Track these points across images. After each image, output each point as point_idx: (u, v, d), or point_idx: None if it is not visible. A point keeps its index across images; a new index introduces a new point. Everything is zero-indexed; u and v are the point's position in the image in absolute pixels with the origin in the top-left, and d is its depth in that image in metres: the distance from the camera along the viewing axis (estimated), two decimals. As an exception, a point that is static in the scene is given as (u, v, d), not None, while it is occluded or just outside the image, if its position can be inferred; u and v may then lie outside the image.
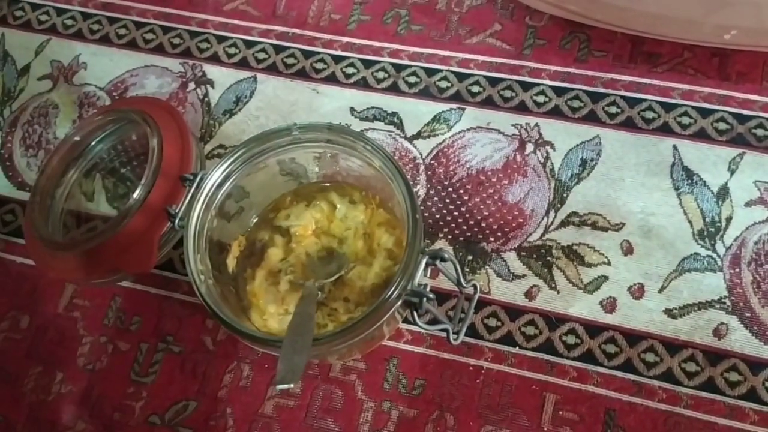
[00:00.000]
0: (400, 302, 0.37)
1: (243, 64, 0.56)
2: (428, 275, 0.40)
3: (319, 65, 0.55)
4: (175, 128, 0.47)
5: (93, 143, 0.51)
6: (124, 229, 0.43)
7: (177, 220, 0.41)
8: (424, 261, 0.37)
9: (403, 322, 0.47)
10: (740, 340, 0.44)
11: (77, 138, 0.51)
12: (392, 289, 0.37)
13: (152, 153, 0.45)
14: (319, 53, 0.56)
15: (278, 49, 0.56)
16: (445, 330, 0.40)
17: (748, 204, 0.47)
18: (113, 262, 0.44)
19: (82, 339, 0.50)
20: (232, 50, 0.57)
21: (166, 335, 0.49)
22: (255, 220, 0.48)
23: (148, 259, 0.45)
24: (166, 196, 0.44)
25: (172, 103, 0.56)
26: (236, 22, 0.58)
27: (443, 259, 0.37)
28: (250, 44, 0.57)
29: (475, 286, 0.43)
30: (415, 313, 0.37)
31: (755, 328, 0.44)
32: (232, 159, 0.42)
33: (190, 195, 0.42)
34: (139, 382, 0.48)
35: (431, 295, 0.37)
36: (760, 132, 0.48)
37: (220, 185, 0.42)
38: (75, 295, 0.51)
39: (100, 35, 0.60)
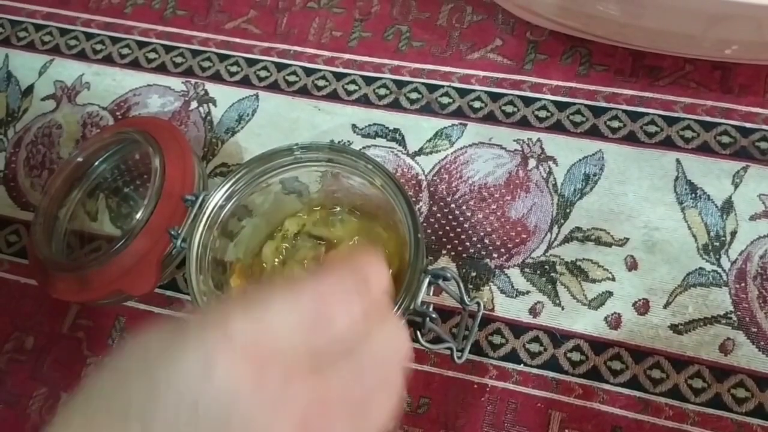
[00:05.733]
0: (402, 322, 0.37)
1: (245, 82, 0.57)
2: (431, 293, 0.40)
3: (321, 82, 0.56)
4: (177, 148, 0.47)
5: (96, 163, 0.52)
6: (127, 251, 0.44)
7: (179, 242, 0.41)
8: (426, 280, 0.37)
9: (407, 340, 0.47)
10: (747, 355, 0.44)
11: (80, 158, 0.51)
12: (395, 310, 0.36)
13: (154, 174, 0.45)
14: (320, 70, 0.56)
15: (280, 66, 0.57)
16: (449, 348, 0.40)
17: (752, 218, 0.47)
18: (116, 284, 0.44)
19: (87, 359, 0.50)
20: (234, 68, 0.57)
21: (170, 355, 0.49)
22: (259, 239, 0.48)
23: (150, 281, 0.45)
24: (168, 217, 0.44)
25: (174, 122, 0.56)
26: (238, 40, 0.58)
27: (446, 278, 0.37)
28: (251, 62, 0.57)
29: (478, 304, 0.43)
30: (418, 333, 0.37)
31: (762, 343, 0.44)
32: (233, 180, 0.42)
33: (192, 216, 0.42)
34: (143, 402, 0.48)
35: (434, 315, 0.37)
36: (763, 145, 0.48)
37: (222, 206, 0.42)
38: (79, 316, 0.51)
39: (102, 55, 0.60)
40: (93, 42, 0.61)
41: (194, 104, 0.57)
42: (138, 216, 0.44)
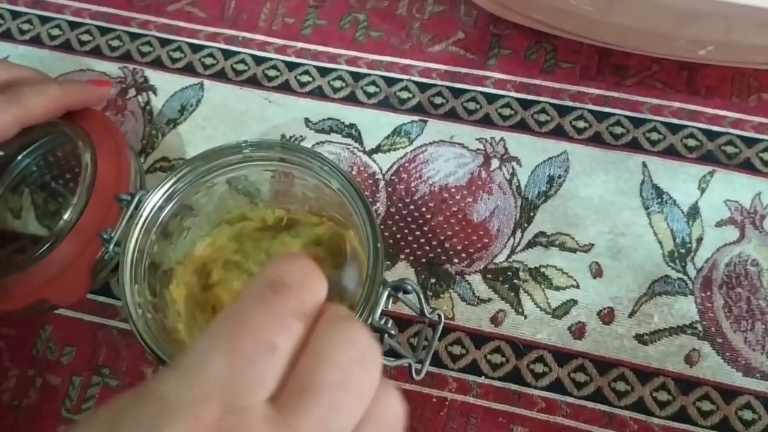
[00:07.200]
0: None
1: (188, 69, 0.52)
2: (389, 305, 0.37)
3: (272, 72, 0.52)
4: (111, 142, 0.42)
5: (20, 158, 0.47)
6: (52, 255, 0.39)
7: (112, 246, 0.37)
8: (386, 294, 0.34)
9: (362, 350, 0.44)
10: (712, 367, 0.42)
11: (1, 152, 0.46)
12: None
13: (85, 170, 0.40)
14: (271, 59, 0.52)
15: (227, 54, 0.52)
16: (408, 364, 0.38)
17: (718, 224, 0.45)
18: (40, 293, 0.40)
19: (8, 372, 0.45)
20: (176, 54, 0.53)
21: (102, 367, 0.45)
22: (204, 240, 0.44)
23: (80, 290, 0.40)
24: (100, 218, 0.40)
25: (110, 111, 0.51)
26: (181, 24, 0.54)
27: (406, 291, 0.34)
28: (196, 48, 0.53)
29: (439, 316, 0.40)
30: (375, 349, 0.34)
31: (727, 354, 0.42)
32: (175, 179, 0.38)
33: (127, 217, 0.38)
34: (71, 419, 0.44)
35: (393, 332, 0.34)
36: (729, 149, 0.47)
37: (162, 207, 0.39)
38: None
39: (30, 36, 0.55)
40: (20, 21, 0.55)
41: (132, 92, 0.52)
42: (66, 217, 0.39)
